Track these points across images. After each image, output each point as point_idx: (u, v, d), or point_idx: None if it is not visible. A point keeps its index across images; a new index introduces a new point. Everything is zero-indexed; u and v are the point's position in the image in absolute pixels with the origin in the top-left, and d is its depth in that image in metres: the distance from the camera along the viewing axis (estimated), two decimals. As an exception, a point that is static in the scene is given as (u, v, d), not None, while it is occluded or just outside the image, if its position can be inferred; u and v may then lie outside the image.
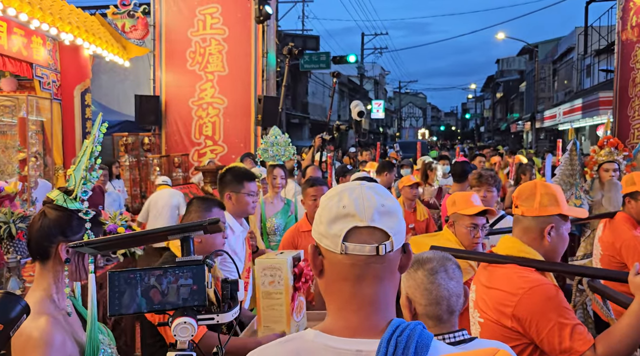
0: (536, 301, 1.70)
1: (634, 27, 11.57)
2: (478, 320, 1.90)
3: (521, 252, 1.84)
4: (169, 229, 1.12)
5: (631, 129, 11.32)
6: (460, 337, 1.46)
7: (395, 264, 1.02)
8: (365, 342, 0.95)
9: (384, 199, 1.01)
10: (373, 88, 43.07)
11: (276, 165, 4.26)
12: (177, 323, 1.01)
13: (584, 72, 23.86)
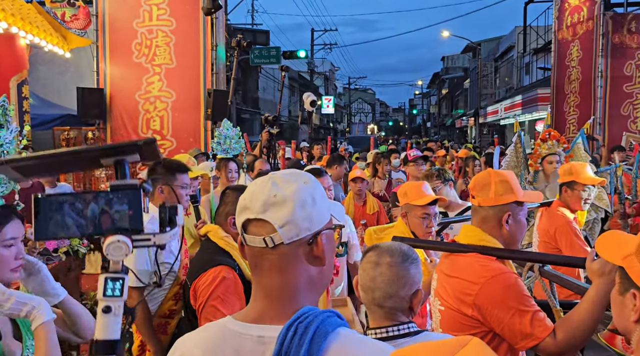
0: (497, 289, 1.72)
1: (569, 26, 12.18)
2: (439, 308, 1.91)
3: (482, 241, 1.86)
4: (101, 149, 1.03)
5: (567, 124, 11.94)
6: (405, 330, 1.45)
7: (298, 255, 1.00)
8: (268, 328, 0.97)
9: (281, 189, 0.99)
10: (323, 84, 43.24)
11: (229, 159, 4.19)
12: (110, 241, 0.95)
13: (524, 69, 24.94)
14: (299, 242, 0.99)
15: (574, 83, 12.03)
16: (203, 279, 2.12)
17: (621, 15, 11.65)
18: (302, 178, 1.04)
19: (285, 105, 29.23)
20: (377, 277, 1.47)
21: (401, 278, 1.47)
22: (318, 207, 1.01)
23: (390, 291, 1.46)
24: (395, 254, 1.50)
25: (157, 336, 2.64)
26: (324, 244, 1.02)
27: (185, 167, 2.88)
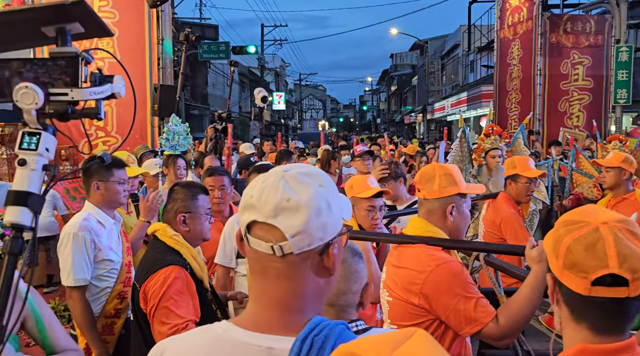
0: (442, 278, 1.77)
1: (510, 26, 12.68)
2: (387, 299, 1.95)
3: (428, 232, 1.91)
4: (30, 9, 0.97)
5: (509, 120, 12.44)
6: (354, 328, 1.43)
7: (307, 266, 0.92)
8: (278, 339, 0.90)
9: (295, 192, 0.90)
10: (274, 80, 42.99)
11: (177, 156, 4.10)
12: (19, 87, 0.90)
13: (469, 67, 25.77)
14: (310, 252, 0.91)
15: (515, 80, 12.54)
16: (153, 281, 2.05)
17: (558, 16, 12.24)
18: (318, 180, 0.94)
19: (235, 101, 28.85)
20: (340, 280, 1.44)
21: (354, 273, 1.46)
22: (333, 214, 0.93)
23: (344, 288, 1.44)
24: (346, 250, 1.48)
25: (103, 337, 2.56)
26: (335, 255, 0.94)
27: (122, 163, 2.78)
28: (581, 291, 1.03)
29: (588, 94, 11.78)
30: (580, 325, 1.06)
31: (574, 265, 1.03)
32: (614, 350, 1.02)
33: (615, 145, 5.53)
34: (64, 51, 0.97)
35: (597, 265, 1.00)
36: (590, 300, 1.02)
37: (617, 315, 1.03)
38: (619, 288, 1.00)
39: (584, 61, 11.69)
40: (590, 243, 1.02)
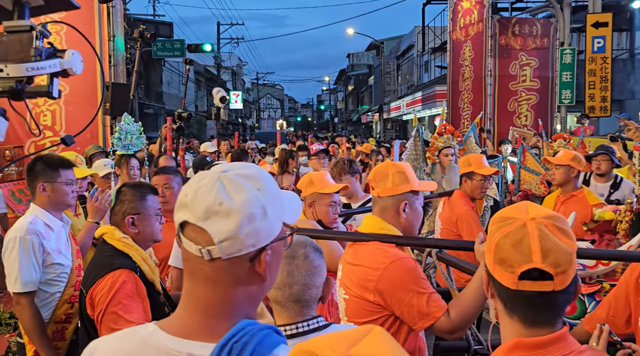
0: (396, 274, 1.81)
1: (462, 28, 13.04)
2: (343, 296, 1.97)
3: (382, 229, 1.94)
4: None
5: (462, 119, 12.79)
6: (314, 324, 1.45)
7: (237, 271, 0.90)
8: (200, 345, 0.88)
9: (229, 196, 0.87)
10: (231, 78, 42.50)
11: (130, 156, 4.00)
12: None
13: (423, 67, 26.32)
14: (240, 258, 0.89)
15: (467, 81, 12.92)
16: (100, 285, 1.98)
17: (506, 19, 12.69)
18: (256, 183, 0.91)
19: (191, 100, 28.34)
20: (295, 271, 1.45)
21: (316, 267, 1.48)
22: (268, 219, 0.90)
23: (309, 283, 1.45)
24: (307, 245, 1.50)
25: (54, 343, 2.47)
26: (267, 261, 0.92)
27: (69, 163, 2.68)
28: (510, 286, 1.07)
29: (535, 94, 12.27)
30: (513, 318, 1.11)
31: (503, 260, 1.08)
32: (546, 342, 1.07)
33: (561, 144, 5.79)
34: (19, 24, 0.93)
35: (522, 260, 1.04)
36: (519, 293, 1.07)
37: (545, 308, 1.08)
38: (545, 282, 1.04)
39: (531, 63, 12.17)
40: (517, 239, 1.06)
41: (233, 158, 5.38)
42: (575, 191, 3.78)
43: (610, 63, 11.30)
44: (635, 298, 1.88)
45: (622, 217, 3.29)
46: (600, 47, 11.01)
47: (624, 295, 1.92)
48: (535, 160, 5.97)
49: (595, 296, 2.52)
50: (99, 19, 7.43)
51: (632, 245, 2.60)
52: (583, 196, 3.75)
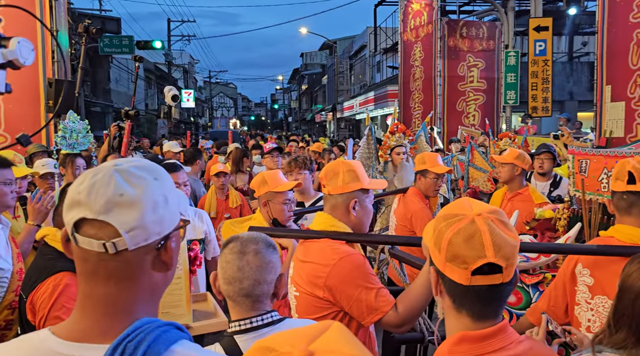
0: (346, 270, 1.83)
1: (413, 29, 13.33)
2: (294, 294, 1.98)
3: (333, 227, 1.96)
4: None
5: (413, 118, 13.08)
6: (268, 319, 1.47)
7: (143, 261, 0.90)
8: (93, 348, 0.85)
9: (129, 186, 0.87)
10: (182, 76, 41.61)
11: (76, 155, 3.85)
12: None
13: (375, 67, 26.71)
14: (147, 247, 0.89)
15: (418, 81, 13.21)
16: (41, 290, 1.91)
17: (455, 21, 13.07)
18: (153, 173, 0.92)
19: (141, 98, 27.55)
20: (245, 266, 1.46)
21: (268, 264, 1.48)
22: (170, 207, 0.92)
23: (259, 278, 1.46)
24: (259, 242, 1.50)
25: None
26: (173, 249, 0.93)
27: (6, 161, 2.55)
28: (462, 282, 1.10)
29: (482, 95, 12.71)
30: (461, 313, 1.14)
31: (456, 257, 1.10)
32: (489, 334, 1.12)
33: (506, 142, 6.03)
34: None
35: (476, 256, 1.08)
36: (470, 289, 1.10)
37: (493, 301, 1.13)
38: (495, 276, 1.09)
39: (478, 64, 12.59)
40: (468, 235, 1.09)
41: (186, 157, 5.29)
42: (521, 189, 3.91)
43: (551, 65, 11.85)
44: (571, 288, 1.99)
45: (560, 215, 3.48)
46: (541, 50, 11.53)
47: (562, 286, 2.03)
48: (483, 158, 6.19)
49: (538, 286, 2.65)
50: (40, 12, 7.12)
51: (569, 237, 2.76)
52: (528, 194, 3.90)
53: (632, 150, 3.13)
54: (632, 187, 1.84)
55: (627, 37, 7.82)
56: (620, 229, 1.88)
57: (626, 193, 1.87)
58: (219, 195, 4.75)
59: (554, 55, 14.01)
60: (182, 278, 2.07)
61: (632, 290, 1.37)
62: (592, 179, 3.23)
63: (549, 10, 15.03)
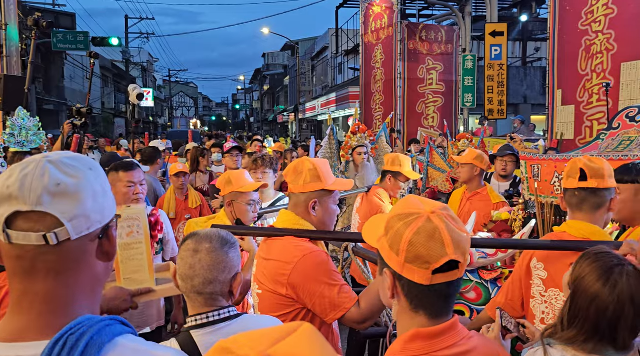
0: (309, 267, 1.82)
1: (374, 32, 13.49)
2: (257, 291, 1.97)
3: (297, 225, 1.96)
4: None
5: (374, 119, 13.23)
6: (225, 314, 1.46)
7: (86, 251, 0.88)
8: (29, 346, 0.82)
9: (66, 176, 0.85)
10: (141, 75, 40.64)
11: (25, 153, 3.70)
12: None
13: (337, 69, 26.87)
14: (89, 236, 0.87)
15: (379, 83, 13.38)
16: None
17: (414, 25, 13.31)
18: (87, 164, 0.90)
19: (97, 97, 26.73)
20: (197, 264, 1.45)
21: (221, 262, 1.46)
22: (108, 197, 0.92)
23: (210, 277, 1.45)
24: (214, 240, 1.48)
25: None
26: (114, 237, 0.93)
27: None
28: (423, 282, 1.09)
29: (441, 97, 12.99)
30: (418, 313, 1.14)
31: (417, 258, 1.08)
32: (442, 331, 1.13)
33: (464, 143, 6.18)
34: None
35: (438, 255, 1.07)
36: (431, 288, 1.10)
37: (449, 297, 1.14)
38: (452, 272, 1.10)
39: (437, 67, 12.87)
40: (429, 235, 1.08)
41: (145, 156, 5.17)
42: (480, 189, 4.01)
43: (506, 70, 12.24)
44: (527, 281, 2.06)
45: (515, 216, 3.60)
46: (497, 54, 11.90)
47: (518, 280, 2.10)
48: (442, 158, 6.33)
49: (497, 282, 2.74)
50: (-12, 5, 6.81)
51: (524, 233, 2.86)
52: (487, 194, 4.00)
53: (579, 154, 3.27)
54: (584, 184, 1.93)
55: (576, 44, 8.17)
56: (572, 224, 1.96)
57: (578, 190, 1.95)
58: (178, 196, 4.67)
59: (508, 59, 14.48)
60: (143, 242, 2.06)
61: (587, 294, 1.40)
62: (545, 183, 3.36)
63: (504, 16, 15.52)
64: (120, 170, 2.86)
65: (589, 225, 1.92)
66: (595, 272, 1.40)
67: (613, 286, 1.36)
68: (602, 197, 1.92)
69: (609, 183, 1.92)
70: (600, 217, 1.93)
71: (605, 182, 1.91)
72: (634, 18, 7.23)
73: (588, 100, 8.03)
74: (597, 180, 1.91)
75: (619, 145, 3.23)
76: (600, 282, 1.38)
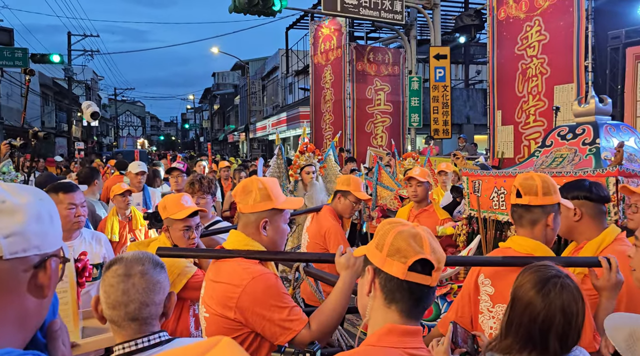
0: (257, 290, 1.78)
1: (323, 53, 13.70)
2: (204, 315, 1.91)
3: (247, 245, 1.91)
4: None
5: (324, 139, 13.36)
6: (156, 339, 1.41)
7: (16, 280, 0.82)
8: None
9: (11, 195, 0.83)
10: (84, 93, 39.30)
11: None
12: None
13: (287, 89, 27.05)
14: (24, 261, 0.82)
15: (329, 103, 13.55)
16: None
17: (362, 47, 13.63)
18: (38, 194, 0.88)
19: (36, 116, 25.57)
20: (131, 289, 1.39)
21: (156, 284, 1.43)
22: (55, 227, 0.88)
23: (147, 300, 1.40)
24: (145, 262, 1.44)
25: None
26: (52, 271, 0.86)
27: None
28: (399, 275, 1.21)
29: (389, 117, 13.30)
30: (391, 308, 1.23)
31: (397, 251, 1.22)
32: (414, 331, 1.24)
33: (410, 162, 6.34)
34: None
35: (415, 251, 1.21)
36: (405, 283, 1.21)
37: (421, 301, 1.24)
38: (425, 276, 1.22)
39: (385, 88, 13.20)
40: (412, 234, 1.24)
41: (81, 177, 4.97)
42: (427, 206, 4.14)
43: (449, 91, 12.72)
44: (475, 297, 2.10)
45: (460, 231, 3.71)
46: (441, 76, 12.35)
47: (467, 296, 2.14)
48: (390, 177, 6.46)
49: (446, 297, 2.79)
50: None
51: (471, 249, 2.94)
52: (433, 210, 4.12)
53: (516, 170, 3.42)
54: (519, 200, 2.00)
55: (513, 67, 8.62)
56: (516, 240, 2.02)
57: (515, 206, 2.02)
58: (121, 217, 4.50)
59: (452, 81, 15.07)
60: (68, 291, 1.95)
61: (523, 300, 1.48)
62: (485, 198, 3.48)
63: (447, 40, 16.18)
64: (60, 191, 2.73)
65: (530, 240, 1.97)
66: (532, 281, 1.49)
67: (546, 294, 1.45)
68: (536, 214, 1.96)
69: (543, 201, 1.95)
70: (539, 233, 1.97)
71: (538, 199, 1.95)
72: (564, 44, 7.73)
73: (525, 120, 8.46)
74: (530, 197, 1.97)
75: (552, 162, 3.41)
76: (535, 290, 1.47)
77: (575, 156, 3.29)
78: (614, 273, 1.85)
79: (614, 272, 1.85)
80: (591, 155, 3.20)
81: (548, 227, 1.96)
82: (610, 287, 1.86)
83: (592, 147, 3.24)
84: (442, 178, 5.86)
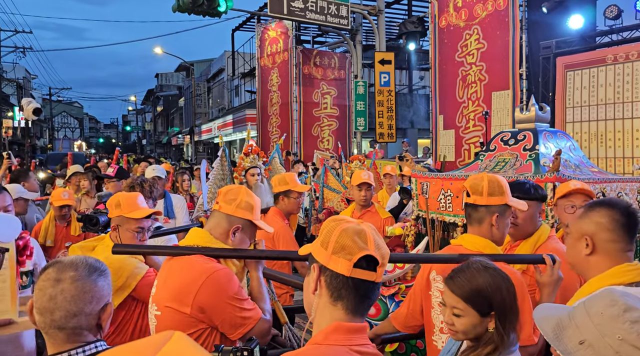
0: (215, 286, 1.81)
1: (269, 55, 13.65)
2: (155, 313, 1.89)
3: (208, 243, 1.92)
4: None
5: (271, 142, 13.30)
6: (92, 350, 1.32)
7: None
8: None
9: None
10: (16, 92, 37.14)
11: None
12: None
13: (234, 91, 26.74)
14: None
15: (275, 106, 13.51)
16: None
17: (309, 50, 13.69)
18: None
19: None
20: (58, 295, 1.30)
21: (87, 292, 1.32)
22: None
23: (74, 310, 1.30)
24: (80, 267, 1.34)
25: None
26: None
27: None
28: (344, 272, 1.21)
29: (335, 121, 13.42)
30: (337, 306, 1.24)
31: (342, 249, 1.22)
32: (359, 328, 1.24)
33: (357, 165, 6.41)
34: None
35: (360, 248, 1.21)
36: (350, 280, 1.22)
37: (366, 297, 1.25)
38: (370, 272, 1.22)
39: (331, 92, 13.32)
40: (357, 231, 1.24)
41: (12, 179, 4.68)
42: (370, 207, 4.27)
43: (394, 96, 13.00)
44: (427, 293, 2.20)
45: (408, 232, 3.79)
46: (385, 81, 12.60)
47: (419, 291, 2.24)
48: (336, 179, 6.50)
49: (394, 297, 2.86)
50: None
51: (419, 249, 3.02)
52: (376, 210, 4.26)
53: (462, 173, 3.54)
54: (468, 200, 2.10)
55: (454, 74, 8.94)
56: (467, 238, 2.10)
57: (465, 205, 2.13)
58: (58, 222, 4.27)
59: (396, 86, 15.41)
60: (8, 268, 1.87)
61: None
62: (433, 199, 3.57)
63: (391, 46, 16.55)
64: None
65: (479, 238, 2.05)
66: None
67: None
68: (481, 213, 2.05)
69: (488, 201, 2.04)
70: (485, 231, 2.05)
71: (484, 199, 2.04)
72: (500, 52, 8.10)
73: (465, 125, 8.79)
74: (475, 196, 2.06)
75: (495, 165, 3.55)
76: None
77: (517, 161, 3.43)
78: (556, 270, 1.96)
79: (556, 269, 1.96)
80: (531, 161, 3.35)
81: (493, 226, 2.04)
82: (552, 283, 1.96)
83: (532, 153, 3.39)
84: (387, 181, 5.98)
